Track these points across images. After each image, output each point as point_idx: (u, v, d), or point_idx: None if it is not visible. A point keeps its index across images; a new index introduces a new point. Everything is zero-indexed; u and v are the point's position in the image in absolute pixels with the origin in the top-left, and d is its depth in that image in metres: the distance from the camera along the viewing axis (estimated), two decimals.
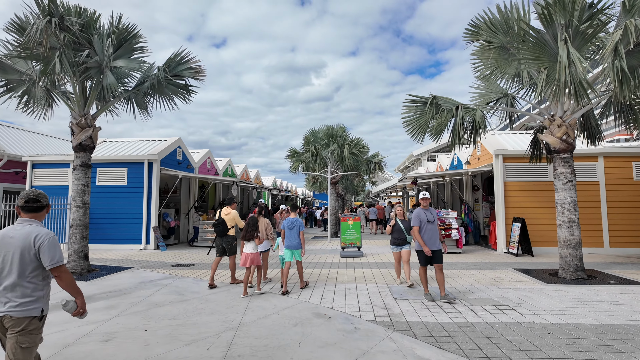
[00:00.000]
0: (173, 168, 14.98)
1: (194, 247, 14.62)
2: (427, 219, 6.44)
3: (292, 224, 7.27)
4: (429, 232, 6.41)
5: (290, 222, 7.29)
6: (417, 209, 6.68)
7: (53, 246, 2.70)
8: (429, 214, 6.50)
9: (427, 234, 6.40)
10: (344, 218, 12.25)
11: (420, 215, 6.46)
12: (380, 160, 20.22)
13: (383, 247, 14.51)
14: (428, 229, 6.41)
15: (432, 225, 6.44)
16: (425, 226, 6.43)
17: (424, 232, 6.42)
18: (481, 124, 9.57)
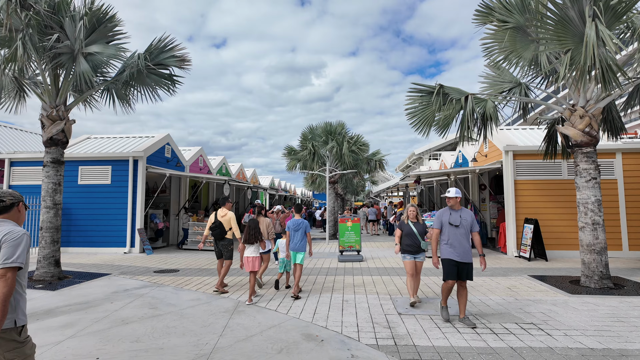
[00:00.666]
0: (161, 166, 14.10)
1: (183, 251, 13.73)
2: (450, 221, 5.30)
3: (297, 226, 6.95)
4: (453, 239, 5.24)
5: (295, 223, 6.98)
6: (442, 209, 5.62)
7: (15, 245, 2.34)
8: (454, 216, 5.32)
9: (451, 241, 5.26)
10: (342, 219, 11.36)
11: (443, 217, 5.40)
12: (381, 158, 19.33)
13: (384, 250, 13.62)
14: (452, 234, 5.26)
15: (458, 230, 5.24)
16: (448, 231, 5.31)
17: (446, 238, 5.31)
18: (493, 116, 8.69)
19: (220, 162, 20.28)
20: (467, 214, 5.37)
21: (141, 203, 12.81)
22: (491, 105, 8.71)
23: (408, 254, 6.28)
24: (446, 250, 5.30)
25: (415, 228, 6.29)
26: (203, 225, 14.10)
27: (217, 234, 7.38)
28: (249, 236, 6.56)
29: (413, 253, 6.25)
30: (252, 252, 6.58)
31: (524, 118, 9.63)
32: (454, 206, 5.41)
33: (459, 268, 5.21)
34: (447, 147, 31.79)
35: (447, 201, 5.48)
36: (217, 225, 7.38)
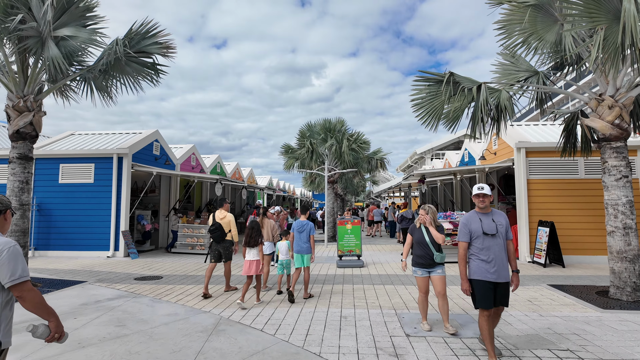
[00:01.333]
0: (148, 164, 13.24)
1: (172, 254, 12.86)
2: (484, 229, 3.91)
3: (302, 227, 6.79)
4: (487, 252, 3.86)
5: (300, 225, 6.82)
6: (467, 214, 4.16)
7: (14, 258, 2.24)
8: (486, 222, 3.94)
9: (484, 255, 3.88)
10: (341, 221, 10.49)
11: (471, 224, 3.98)
12: (382, 157, 18.46)
13: (386, 255, 12.74)
14: (487, 246, 3.87)
15: (494, 241, 3.88)
16: (480, 242, 3.91)
17: (477, 251, 3.93)
18: (508, 108, 7.82)
19: (214, 160, 19.42)
20: (500, 217, 4.04)
21: (126, 203, 11.95)
22: (506, 96, 7.85)
23: (420, 267, 5.03)
24: (478, 268, 3.89)
25: (427, 236, 5.02)
26: (193, 228, 13.25)
27: (217, 236, 7.13)
28: (250, 239, 6.37)
29: (426, 266, 4.99)
30: (253, 255, 6.38)
31: (540, 109, 8.76)
32: (485, 209, 4.03)
33: (495, 291, 3.88)
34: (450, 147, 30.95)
35: (479, 201, 4.03)
36: (217, 227, 7.13)
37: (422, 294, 5.12)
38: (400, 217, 12.40)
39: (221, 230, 7.16)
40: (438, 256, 4.97)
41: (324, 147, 17.30)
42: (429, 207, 5.26)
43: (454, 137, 30.68)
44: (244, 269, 6.39)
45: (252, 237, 6.39)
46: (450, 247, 10.67)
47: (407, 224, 12.44)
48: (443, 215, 10.95)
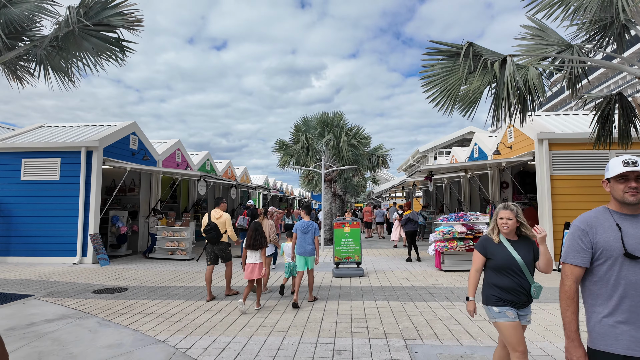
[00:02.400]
0: (124, 159, 11.89)
1: (148, 260, 11.49)
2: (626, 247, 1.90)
3: (306, 228, 6.48)
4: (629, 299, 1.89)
5: (304, 225, 6.51)
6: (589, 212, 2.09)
7: None
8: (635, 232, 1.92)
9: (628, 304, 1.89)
10: (337, 224, 9.12)
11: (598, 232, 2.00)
12: (384, 153, 17.09)
13: (389, 261, 11.37)
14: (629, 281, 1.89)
15: None
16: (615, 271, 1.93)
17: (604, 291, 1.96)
18: (538, 87, 6.45)
19: (203, 158, 18.06)
20: None
21: (96, 203, 10.59)
22: (535, 73, 6.48)
23: (507, 305, 2.88)
24: (614, 331, 1.91)
25: (518, 252, 2.92)
26: (174, 230, 11.90)
27: (213, 237, 6.80)
28: (254, 241, 6.03)
29: (517, 305, 2.89)
30: (254, 259, 6.04)
31: (572, 90, 7.41)
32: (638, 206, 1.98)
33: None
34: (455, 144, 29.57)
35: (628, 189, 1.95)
36: (212, 227, 6.79)
37: (500, 347, 3.07)
38: (405, 219, 11.03)
39: (217, 230, 6.78)
40: (538, 288, 2.90)
41: (321, 142, 15.94)
42: (515, 207, 3.03)
43: (458, 135, 29.32)
44: (246, 272, 6.01)
45: (256, 239, 6.04)
46: (464, 254, 9.31)
47: (412, 227, 11.07)
48: (454, 217, 9.59)
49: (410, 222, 11.01)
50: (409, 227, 11.06)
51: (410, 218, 10.97)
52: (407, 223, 11.03)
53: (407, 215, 11.02)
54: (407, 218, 11.01)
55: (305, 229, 6.45)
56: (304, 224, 6.50)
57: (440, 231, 9.30)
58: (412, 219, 10.97)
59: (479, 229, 9.34)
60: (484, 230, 9.33)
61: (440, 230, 9.30)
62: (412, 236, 11.09)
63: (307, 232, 6.44)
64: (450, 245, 9.16)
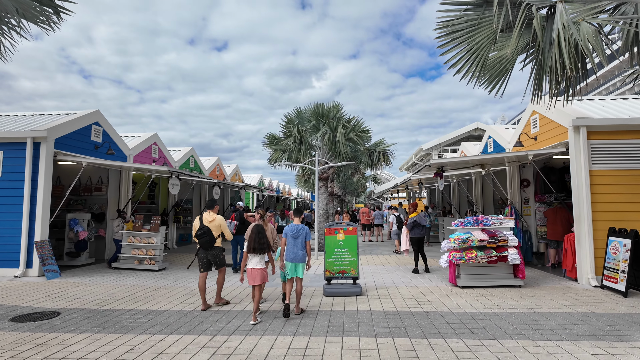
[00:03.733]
0: (84, 153, 10.21)
1: (111, 271, 9.80)
2: None
3: (297, 232, 5.95)
4: None
5: (294, 229, 5.98)
6: None
7: None
8: None
9: None
10: (329, 229, 7.40)
11: None
12: (386, 149, 15.36)
13: (392, 272, 9.66)
14: None
15: None
16: None
17: None
18: (596, 47, 4.74)
19: (186, 154, 16.36)
20: None
21: (44, 204, 8.91)
22: (588, 30, 4.78)
23: None
24: None
25: None
26: (140, 236, 10.21)
27: (205, 241, 6.28)
28: (257, 244, 5.62)
29: None
30: (257, 263, 5.65)
31: (630, 54, 5.70)
32: None
33: None
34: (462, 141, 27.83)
35: None
36: (205, 231, 6.28)
37: None
38: (412, 223, 9.33)
39: (210, 235, 6.29)
40: None
41: (315, 136, 14.23)
42: None
43: (465, 131, 27.62)
44: (249, 278, 5.61)
45: (260, 242, 5.63)
46: (485, 266, 7.61)
47: (419, 232, 9.36)
48: (473, 221, 7.88)
49: (418, 226, 9.32)
50: (416, 233, 9.35)
51: (417, 222, 9.28)
52: (414, 228, 9.33)
53: (414, 219, 9.32)
54: (413, 221, 9.31)
55: (295, 234, 5.94)
56: (294, 227, 5.99)
57: (455, 239, 7.58)
58: (419, 222, 9.28)
59: (502, 236, 7.62)
60: (508, 237, 7.60)
61: (456, 237, 7.59)
62: (419, 243, 9.39)
63: (297, 237, 5.93)
64: (469, 256, 7.45)
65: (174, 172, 10.08)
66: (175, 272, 9.75)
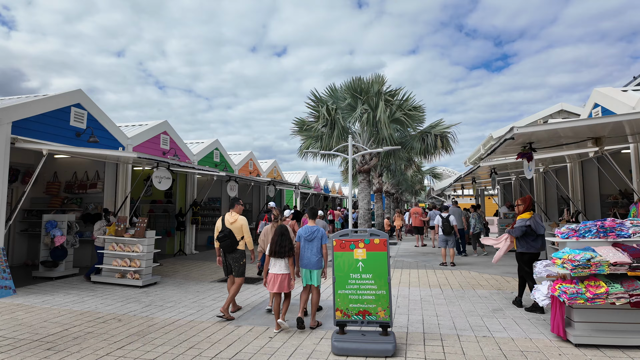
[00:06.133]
0: (59, 141, 8.36)
1: (88, 286, 7.81)
2: None
3: (311, 235, 5.24)
4: None
5: (308, 231, 5.26)
6: None
7: None
8: None
9: None
10: (340, 242, 4.52)
11: None
12: (445, 131, 11.96)
13: (454, 302, 6.53)
14: None
15: None
16: None
17: None
18: None
19: (208, 146, 14.34)
20: None
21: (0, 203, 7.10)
22: None
23: None
24: None
25: None
26: (124, 243, 8.14)
27: (227, 245, 5.67)
28: (279, 247, 5.00)
29: None
30: (281, 269, 5.02)
31: None
32: None
33: None
34: None
35: None
36: (227, 234, 5.67)
37: None
38: (523, 226, 5.91)
39: (231, 237, 5.68)
40: None
41: (352, 117, 11.35)
42: None
43: (546, 114, 22.83)
44: (269, 284, 4.99)
45: (282, 245, 5.00)
46: (622, 310, 4.26)
47: (535, 246, 5.97)
48: (596, 228, 4.54)
49: (531, 235, 5.92)
50: (529, 246, 5.93)
51: (530, 226, 5.93)
52: (526, 237, 5.96)
53: (526, 221, 5.96)
54: (525, 225, 5.96)
55: (309, 236, 5.24)
56: (308, 229, 5.29)
57: (566, 260, 4.32)
58: (534, 228, 5.90)
59: None
60: None
61: (568, 258, 4.31)
62: (530, 262, 5.98)
63: (312, 240, 5.23)
64: (593, 291, 4.16)
65: (158, 162, 7.81)
66: (162, 290, 7.52)
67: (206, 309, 6.27)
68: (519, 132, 5.39)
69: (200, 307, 6.34)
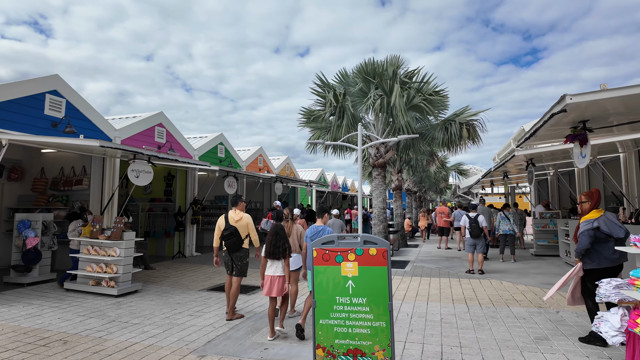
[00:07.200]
0: (31, 131, 7.49)
1: (58, 295, 6.88)
2: None
3: (317, 235, 5.08)
4: None
5: (315, 231, 5.10)
6: None
7: None
8: None
9: None
10: (324, 251, 3.28)
11: None
12: (471, 118, 10.46)
13: (484, 324, 5.18)
14: None
15: None
16: None
17: None
18: None
19: (211, 140, 13.35)
20: None
21: None
22: None
23: None
24: None
25: None
26: (99, 245, 7.18)
27: (232, 243, 5.41)
28: (274, 248, 4.69)
29: None
30: (275, 270, 4.68)
31: None
32: None
33: None
34: None
35: None
36: (232, 232, 5.43)
37: None
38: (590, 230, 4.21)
39: (237, 235, 5.45)
40: None
41: (364, 105, 10.05)
42: None
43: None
44: (265, 288, 4.68)
45: (277, 245, 4.71)
46: None
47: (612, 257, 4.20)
48: None
49: (602, 242, 4.33)
50: (600, 259, 4.33)
51: (599, 228, 4.34)
52: (598, 244, 4.35)
53: (592, 222, 4.40)
54: (593, 228, 4.38)
55: (315, 236, 5.04)
56: (314, 229, 5.10)
57: None
58: (607, 231, 4.30)
59: None
60: None
61: None
62: (605, 276, 4.24)
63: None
64: None
65: (136, 154, 6.78)
66: (138, 301, 6.50)
67: (175, 328, 5.17)
68: (573, 102, 3.99)
69: (169, 326, 5.25)
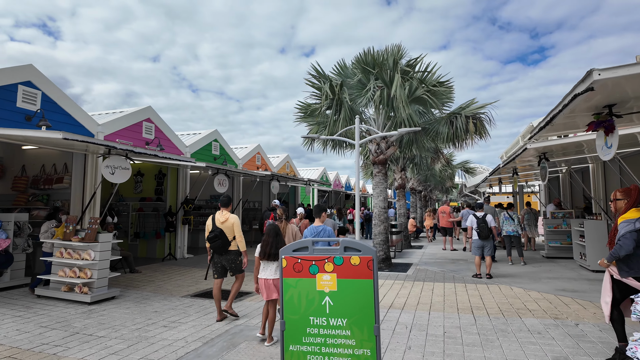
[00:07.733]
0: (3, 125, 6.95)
1: (26, 302, 6.33)
2: None
3: (316, 235, 4.93)
4: None
5: (314, 231, 4.95)
6: None
7: None
8: None
9: None
10: (295, 260, 2.66)
11: None
12: (479, 111, 9.77)
13: (493, 340, 4.51)
14: None
15: None
16: None
17: None
18: None
19: (205, 137, 12.78)
20: None
21: None
22: None
23: None
24: None
25: None
26: (74, 248, 6.62)
27: (219, 246, 5.28)
28: (269, 249, 4.50)
29: None
30: (272, 273, 4.51)
31: None
32: None
33: None
34: None
35: None
36: (218, 234, 5.30)
37: None
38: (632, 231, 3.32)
39: (223, 237, 5.30)
40: None
41: (363, 97, 9.40)
42: None
43: None
44: (263, 291, 4.49)
45: (272, 245, 4.49)
46: None
47: None
48: None
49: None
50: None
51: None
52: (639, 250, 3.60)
53: (632, 225, 3.59)
54: (633, 231, 3.58)
55: (315, 237, 4.82)
56: (314, 230, 4.95)
57: None
58: None
59: None
60: None
61: None
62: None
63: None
64: None
65: (109, 147, 6.20)
66: (111, 310, 5.93)
67: (143, 342, 4.57)
68: (602, 79, 3.30)
69: (137, 340, 4.66)
